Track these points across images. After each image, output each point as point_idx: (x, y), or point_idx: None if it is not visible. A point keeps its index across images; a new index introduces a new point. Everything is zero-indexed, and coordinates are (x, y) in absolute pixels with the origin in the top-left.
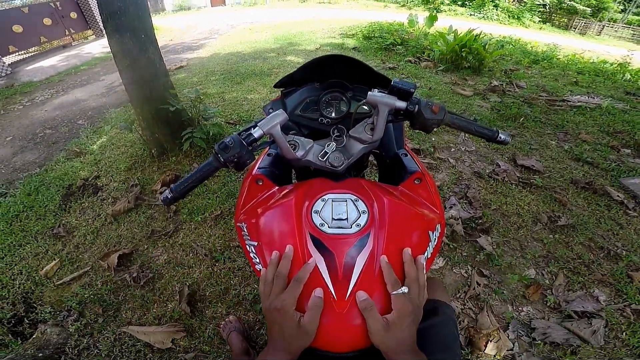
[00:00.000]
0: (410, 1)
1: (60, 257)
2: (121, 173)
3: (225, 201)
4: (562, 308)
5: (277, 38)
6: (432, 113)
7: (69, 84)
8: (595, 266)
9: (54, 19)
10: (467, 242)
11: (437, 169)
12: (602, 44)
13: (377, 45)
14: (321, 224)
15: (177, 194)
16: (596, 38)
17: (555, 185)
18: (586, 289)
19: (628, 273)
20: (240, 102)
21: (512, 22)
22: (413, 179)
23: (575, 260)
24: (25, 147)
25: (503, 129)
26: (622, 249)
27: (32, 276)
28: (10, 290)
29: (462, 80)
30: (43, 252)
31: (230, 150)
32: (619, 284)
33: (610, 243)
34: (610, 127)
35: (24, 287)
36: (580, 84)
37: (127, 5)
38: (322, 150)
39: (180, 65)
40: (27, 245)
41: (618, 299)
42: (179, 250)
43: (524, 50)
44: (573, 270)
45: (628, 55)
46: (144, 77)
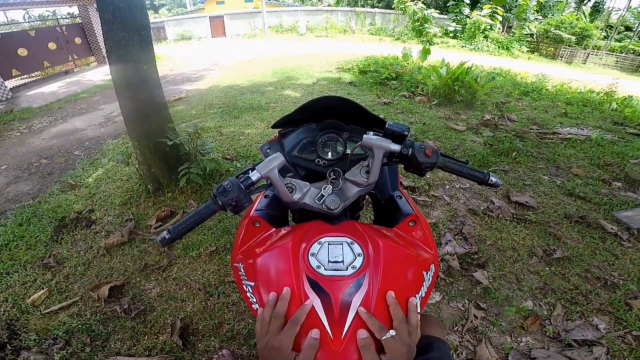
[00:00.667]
0: (404, 34)
1: (49, 286)
2: (116, 207)
3: (220, 237)
4: (561, 337)
5: (275, 72)
6: (426, 156)
7: (68, 112)
8: (593, 296)
9: (59, 43)
10: (463, 277)
11: (432, 206)
12: (588, 72)
13: (373, 80)
14: (317, 266)
15: (175, 235)
16: (582, 66)
17: (549, 220)
18: (585, 318)
19: (626, 301)
20: (237, 137)
21: (502, 53)
22: (407, 221)
23: (572, 290)
24: (19, 177)
25: (497, 164)
26: (619, 279)
27: (18, 304)
28: None
29: (455, 114)
30: (31, 281)
31: (228, 194)
32: (618, 312)
33: (606, 273)
34: (601, 159)
35: (9, 315)
36: (569, 115)
37: (131, 35)
38: (319, 193)
39: (180, 97)
40: (15, 274)
41: (618, 327)
42: (172, 284)
43: (514, 82)
44: (571, 301)
45: (613, 83)
46: (143, 109)
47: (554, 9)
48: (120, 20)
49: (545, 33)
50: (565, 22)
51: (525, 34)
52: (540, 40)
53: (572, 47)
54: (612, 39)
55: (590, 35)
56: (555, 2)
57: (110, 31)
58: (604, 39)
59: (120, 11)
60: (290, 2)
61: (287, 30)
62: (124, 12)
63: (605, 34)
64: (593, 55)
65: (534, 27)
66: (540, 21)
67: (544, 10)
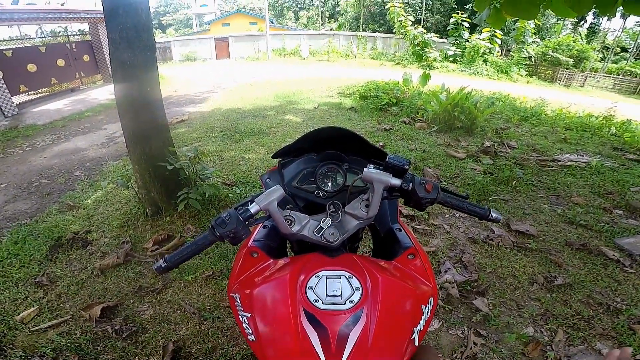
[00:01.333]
0: (404, 59)
1: (40, 304)
2: (113, 229)
3: (217, 262)
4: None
5: (277, 95)
6: (426, 192)
7: (71, 131)
8: (596, 321)
9: (67, 60)
10: (463, 304)
11: (431, 234)
12: (586, 95)
13: (373, 106)
14: (315, 299)
15: (171, 264)
16: (580, 90)
17: (550, 248)
18: (587, 343)
19: (630, 326)
20: (238, 162)
21: (501, 77)
22: (407, 254)
23: (574, 316)
24: (18, 195)
25: (497, 193)
26: (622, 304)
27: (6, 320)
28: None
29: (455, 141)
30: (22, 299)
31: (226, 225)
32: (622, 337)
33: (609, 299)
34: (601, 187)
35: None
36: (568, 140)
37: (136, 56)
38: (318, 226)
39: (182, 119)
40: (6, 291)
41: None
42: (167, 307)
43: (514, 107)
44: (573, 326)
45: (612, 107)
46: (145, 131)
47: (551, 31)
48: (127, 41)
49: (543, 56)
50: (562, 44)
51: (523, 57)
52: (539, 64)
53: (569, 69)
54: (609, 61)
55: (587, 57)
56: (552, 24)
57: (117, 51)
58: (601, 60)
59: (127, 31)
60: (293, 25)
61: (289, 53)
62: (131, 33)
63: (602, 55)
64: (591, 77)
65: (532, 50)
66: (538, 44)
67: (541, 32)
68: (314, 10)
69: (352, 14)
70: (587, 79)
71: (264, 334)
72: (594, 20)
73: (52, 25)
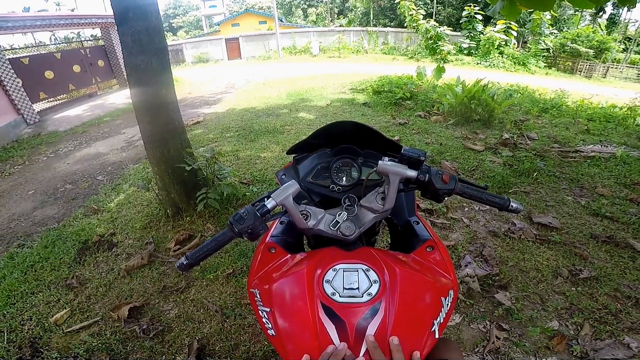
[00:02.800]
0: (417, 53)
1: (71, 306)
2: (136, 231)
3: (237, 260)
4: (590, 357)
5: (290, 94)
6: (443, 182)
7: (91, 136)
8: (624, 315)
9: (83, 66)
10: (484, 299)
11: (450, 228)
12: (609, 86)
13: (387, 100)
14: (332, 293)
15: (193, 261)
16: (602, 80)
17: (574, 241)
18: (615, 337)
19: None
20: (253, 161)
21: (519, 69)
22: (425, 247)
23: (601, 310)
24: (45, 201)
25: (517, 186)
26: None
27: (41, 323)
28: (19, 334)
29: (472, 134)
30: (55, 301)
31: (244, 221)
32: None
33: (638, 292)
34: (627, 178)
35: (33, 333)
36: (591, 131)
37: (150, 59)
38: (334, 220)
39: (198, 121)
40: (40, 294)
41: None
42: (190, 306)
43: (533, 99)
44: (599, 320)
45: (636, 98)
46: (162, 134)
47: (569, 22)
48: (140, 44)
49: (561, 47)
50: (581, 35)
51: (541, 49)
52: (557, 55)
53: (590, 61)
54: (631, 51)
55: (608, 48)
56: (569, 15)
57: (130, 55)
58: (623, 51)
59: (139, 35)
60: (302, 23)
61: (300, 51)
62: (142, 36)
63: (624, 46)
64: (613, 68)
65: (549, 42)
66: (556, 35)
67: (558, 24)
68: (322, 7)
69: (362, 9)
70: (609, 70)
71: (283, 329)
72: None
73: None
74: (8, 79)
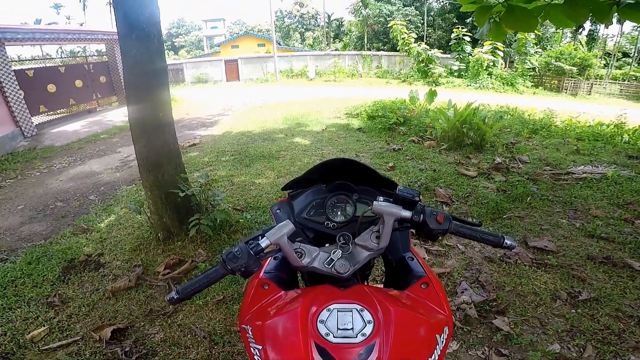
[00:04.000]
0: (410, 76)
1: (51, 324)
2: (125, 253)
3: (228, 287)
4: None
5: (286, 118)
6: (437, 223)
7: (87, 153)
8: (627, 334)
9: (85, 81)
10: (482, 324)
11: (446, 255)
12: (594, 103)
13: (381, 125)
14: (326, 333)
15: (183, 296)
16: (587, 98)
17: (571, 263)
18: (620, 357)
19: None
20: (248, 187)
21: (507, 89)
22: (420, 284)
23: (603, 331)
24: (34, 217)
25: (511, 211)
26: None
27: (16, 339)
28: None
29: (465, 158)
30: (33, 318)
31: (238, 260)
32: None
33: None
34: (620, 198)
35: (5, 348)
36: (581, 151)
37: (149, 80)
38: (328, 257)
39: (194, 143)
40: (18, 310)
41: None
42: (177, 330)
43: (522, 120)
44: (602, 341)
45: (621, 114)
46: (157, 158)
47: (552, 40)
48: (140, 65)
49: (546, 66)
50: (564, 53)
51: (527, 68)
52: (543, 74)
53: (574, 78)
54: (612, 67)
55: (590, 64)
56: (552, 34)
57: (131, 75)
58: (604, 67)
59: (141, 55)
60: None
61: (297, 74)
62: (144, 57)
63: (605, 61)
64: (597, 85)
65: (535, 61)
66: (541, 54)
67: (542, 42)
68: (319, 31)
69: (357, 33)
70: (593, 87)
71: None
72: (592, 27)
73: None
74: (11, 90)
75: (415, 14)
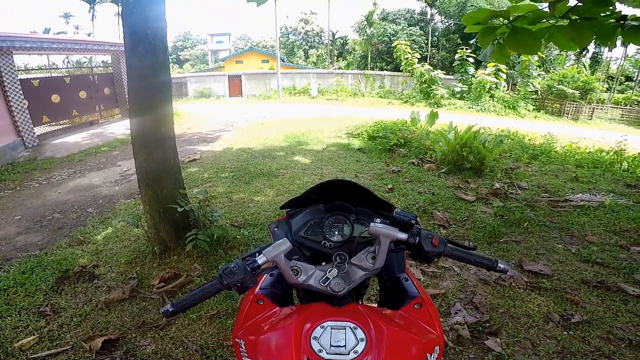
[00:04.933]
0: (412, 97)
1: (41, 333)
2: (121, 265)
3: (222, 302)
4: None
5: (287, 136)
6: (432, 246)
7: (87, 166)
8: (617, 356)
9: (89, 92)
10: (475, 345)
11: (441, 277)
12: (595, 128)
13: (382, 147)
14: (319, 349)
15: (178, 309)
16: (588, 123)
17: (565, 287)
18: None
19: None
20: (247, 204)
21: (509, 113)
22: (413, 304)
23: (594, 352)
24: (30, 228)
25: (508, 235)
26: None
27: (4, 346)
28: None
29: (464, 183)
30: (23, 327)
31: (234, 275)
32: None
33: (631, 334)
34: (616, 225)
35: None
36: (580, 179)
37: (153, 95)
38: (324, 276)
39: (194, 158)
40: (8, 318)
41: None
42: (169, 343)
43: (523, 145)
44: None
45: (621, 140)
46: (157, 173)
47: (555, 62)
48: (145, 78)
49: (549, 89)
50: (567, 76)
51: (530, 91)
52: (545, 97)
53: (576, 102)
54: (614, 91)
55: (592, 88)
56: (555, 56)
57: (135, 88)
58: (606, 91)
59: (146, 69)
60: (303, 64)
61: (299, 92)
62: (149, 71)
63: (608, 85)
64: (598, 109)
65: (537, 84)
66: (544, 77)
67: (545, 64)
68: (323, 49)
69: (360, 52)
70: (594, 111)
71: None
72: (596, 49)
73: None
74: (15, 99)
75: (419, 34)
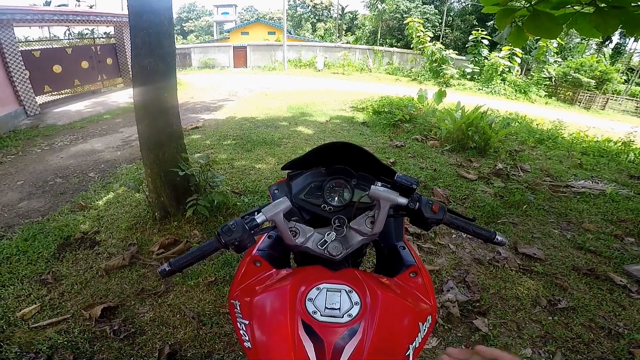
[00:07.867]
0: (420, 75)
1: (42, 302)
2: (121, 231)
3: (220, 269)
4: None
5: (291, 107)
6: (432, 212)
7: (89, 132)
8: (595, 344)
9: (91, 63)
10: (463, 324)
11: (436, 254)
12: (606, 118)
13: (386, 121)
14: (314, 311)
15: (175, 268)
16: (600, 113)
17: (556, 272)
18: None
19: (629, 350)
20: (248, 171)
21: (519, 97)
22: (409, 272)
23: (574, 339)
24: (33, 194)
25: (506, 217)
26: (624, 328)
27: (6, 316)
28: None
29: (467, 161)
30: (25, 296)
31: (232, 234)
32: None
33: (611, 323)
34: (614, 215)
35: None
36: (584, 166)
37: (157, 62)
38: (322, 239)
39: (197, 126)
40: (11, 287)
41: None
42: (167, 310)
43: (530, 129)
44: (572, 349)
45: (631, 132)
46: (159, 137)
47: (574, 50)
48: (149, 47)
49: (564, 76)
50: (585, 64)
51: (543, 77)
52: (559, 84)
53: (591, 91)
54: (632, 83)
55: (610, 79)
56: (575, 44)
57: (138, 56)
58: (624, 82)
59: (150, 37)
60: (310, 37)
61: (305, 65)
62: (153, 39)
63: (627, 77)
64: (612, 100)
65: (552, 70)
66: (560, 64)
67: (563, 52)
68: (331, 23)
69: (370, 27)
70: (608, 102)
71: (260, 342)
72: (620, 40)
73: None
74: (17, 70)
75: (433, 13)
